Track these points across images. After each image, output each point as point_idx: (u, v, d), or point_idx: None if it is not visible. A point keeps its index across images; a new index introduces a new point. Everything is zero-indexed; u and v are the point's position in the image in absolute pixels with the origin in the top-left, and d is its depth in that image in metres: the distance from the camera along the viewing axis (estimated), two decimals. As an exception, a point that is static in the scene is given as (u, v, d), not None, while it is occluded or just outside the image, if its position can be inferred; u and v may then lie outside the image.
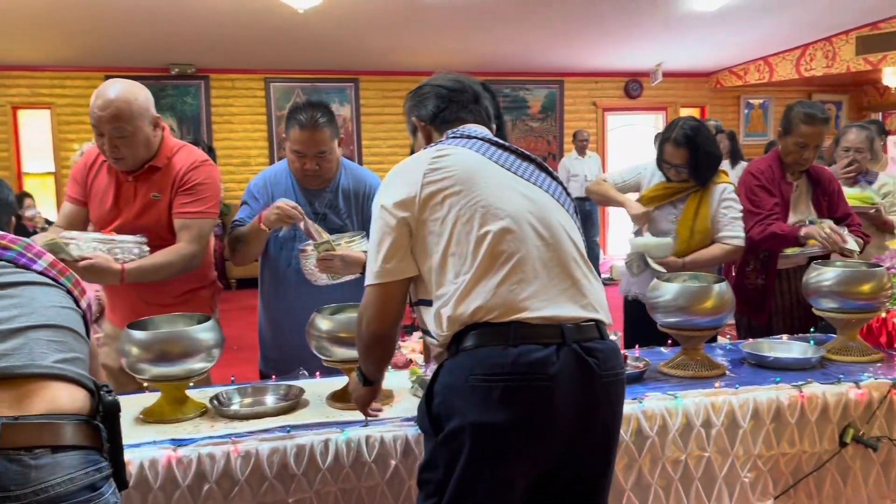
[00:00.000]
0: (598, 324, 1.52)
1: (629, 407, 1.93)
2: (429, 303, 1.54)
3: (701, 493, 2.00)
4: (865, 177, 3.51)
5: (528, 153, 1.65)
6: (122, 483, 1.30)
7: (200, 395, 2.00)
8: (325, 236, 2.30)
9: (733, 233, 2.75)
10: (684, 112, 10.24)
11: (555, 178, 1.66)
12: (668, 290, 2.20)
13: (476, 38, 7.97)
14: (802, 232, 2.71)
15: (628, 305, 2.99)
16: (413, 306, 1.64)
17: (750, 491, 2.02)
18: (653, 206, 2.85)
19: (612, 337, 2.19)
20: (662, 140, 2.79)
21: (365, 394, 1.71)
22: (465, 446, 1.39)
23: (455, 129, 1.66)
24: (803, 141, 2.80)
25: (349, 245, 2.34)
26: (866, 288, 2.26)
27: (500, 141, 1.65)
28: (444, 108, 1.69)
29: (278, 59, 8.37)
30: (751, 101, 10.48)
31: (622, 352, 2.22)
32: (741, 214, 2.78)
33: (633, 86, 9.94)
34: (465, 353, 1.43)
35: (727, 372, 2.21)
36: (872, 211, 3.32)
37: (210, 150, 6.23)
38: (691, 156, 2.71)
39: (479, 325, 1.43)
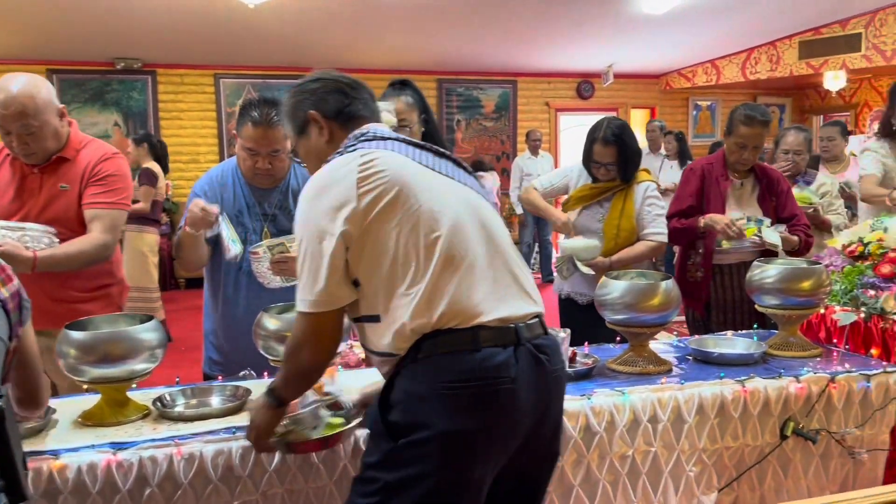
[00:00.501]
0: (541, 318, 1.53)
1: (578, 403, 1.95)
2: (375, 318, 1.46)
3: (648, 487, 2.03)
4: (804, 177, 3.61)
5: (442, 150, 1.62)
6: (18, 496, 1.21)
7: (143, 397, 1.94)
8: (267, 240, 2.25)
9: (657, 230, 2.88)
10: (636, 113, 10.42)
11: (471, 173, 1.66)
12: (615, 288, 2.22)
13: (430, 37, 7.97)
14: (701, 223, 2.90)
15: (563, 304, 3.07)
16: (353, 321, 1.56)
17: (695, 484, 2.06)
18: (580, 206, 2.94)
19: (562, 334, 2.23)
20: (591, 140, 2.87)
21: (273, 417, 1.56)
22: (434, 455, 1.36)
23: (362, 130, 1.57)
24: (742, 141, 2.93)
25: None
26: (806, 285, 2.33)
27: (415, 140, 1.62)
28: (349, 103, 1.60)
29: (228, 54, 8.23)
30: (699, 102, 10.71)
31: (571, 349, 2.26)
32: (664, 212, 2.92)
33: (584, 86, 10.06)
34: (429, 361, 1.39)
35: (673, 368, 2.24)
36: (810, 211, 3.42)
37: (162, 146, 6.11)
38: (620, 153, 2.82)
39: (441, 331, 1.39)
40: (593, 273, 2.76)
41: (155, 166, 5.61)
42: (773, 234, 2.81)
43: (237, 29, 7.23)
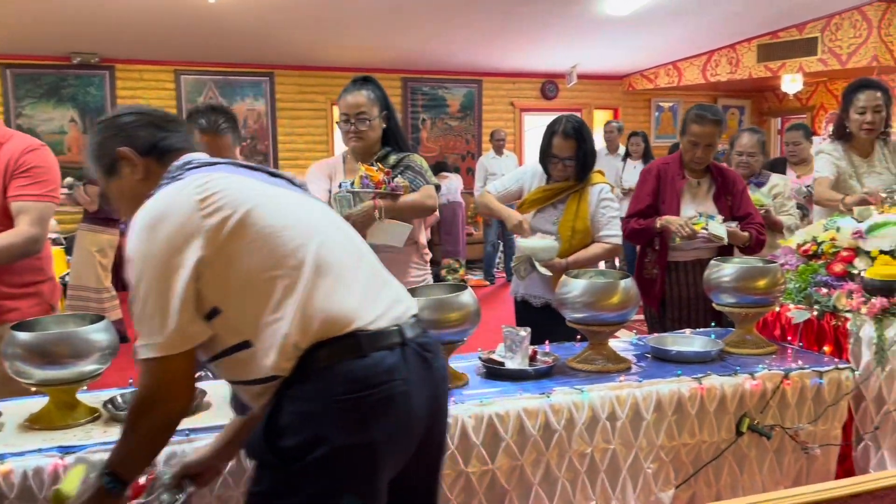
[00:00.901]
0: (418, 318, 1.48)
1: (537, 402, 1.96)
2: (245, 344, 1.33)
3: (606, 485, 2.04)
4: (756, 179, 3.67)
5: (274, 171, 1.55)
6: None
7: (94, 399, 1.89)
8: None
9: (611, 231, 2.89)
10: (599, 113, 10.52)
11: (307, 191, 1.58)
12: (575, 287, 2.23)
13: (395, 36, 7.94)
14: (658, 224, 2.95)
15: (518, 306, 3.06)
16: (211, 361, 1.40)
17: (653, 481, 2.08)
18: (534, 209, 2.93)
19: (522, 333, 2.23)
20: (550, 134, 2.86)
21: None
22: (338, 470, 1.29)
23: (183, 160, 1.43)
24: (695, 139, 2.99)
25: None
26: (762, 283, 2.36)
27: (244, 162, 1.54)
28: (164, 137, 1.47)
29: (189, 50, 8.10)
30: (661, 104, 10.86)
31: (532, 348, 2.26)
32: (618, 214, 2.94)
33: (549, 87, 10.13)
34: (317, 376, 1.30)
35: (633, 366, 2.26)
36: (762, 212, 3.45)
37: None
38: (579, 148, 2.82)
39: (323, 343, 1.30)
40: (550, 274, 2.74)
41: None
42: (719, 228, 2.86)
43: (198, 24, 7.12)
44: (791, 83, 8.98)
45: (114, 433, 1.69)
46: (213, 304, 1.32)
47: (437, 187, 2.73)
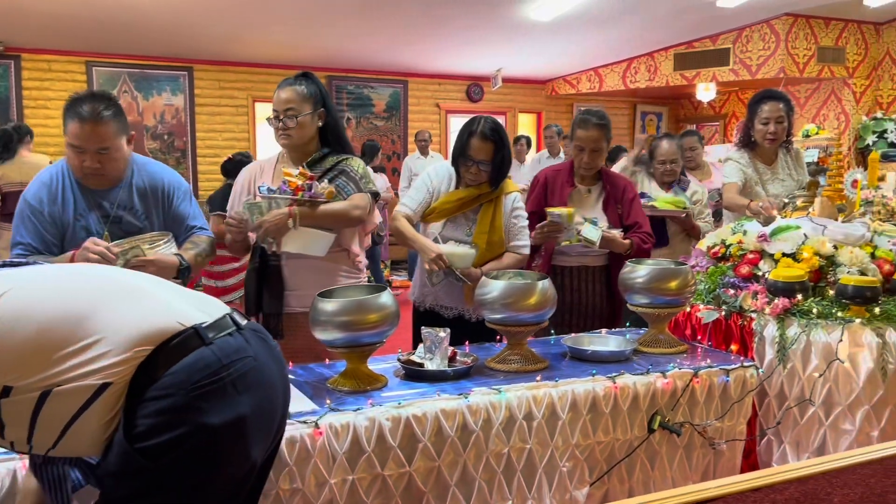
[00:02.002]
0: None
1: (455, 402, 1.95)
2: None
3: (522, 484, 2.05)
4: (679, 184, 3.79)
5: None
6: None
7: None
8: (114, 243, 2.13)
9: (522, 242, 2.86)
10: (523, 117, 10.67)
11: None
12: (494, 287, 2.24)
13: (318, 33, 7.83)
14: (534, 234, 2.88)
15: (423, 316, 2.89)
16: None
17: (568, 479, 2.11)
18: (443, 219, 2.81)
19: (441, 334, 2.23)
20: (467, 135, 2.73)
21: None
22: (212, 452, 1.30)
23: None
24: (580, 144, 2.99)
25: (154, 248, 2.19)
26: (673, 284, 2.44)
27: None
28: None
29: (102, 41, 7.76)
30: (589, 108, 11.05)
31: (451, 348, 2.26)
32: (527, 223, 2.90)
33: (474, 89, 10.20)
34: (170, 374, 1.29)
35: (550, 365, 2.29)
36: (683, 215, 3.59)
37: (30, 135, 5.70)
38: (497, 152, 2.73)
39: (163, 346, 1.31)
40: (469, 283, 2.65)
41: None
42: (592, 231, 2.85)
43: (112, 13, 6.83)
44: (705, 91, 9.35)
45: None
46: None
47: (376, 195, 2.61)
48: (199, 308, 1.42)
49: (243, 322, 1.45)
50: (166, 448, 1.27)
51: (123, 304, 1.35)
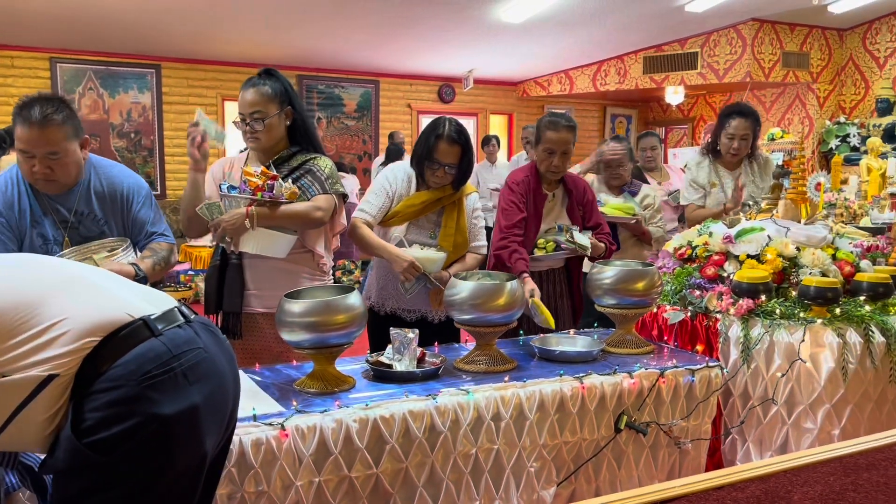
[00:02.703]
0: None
1: (423, 403, 1.95)
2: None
3: (490, 485, 2.06)
4: (629, 188, 3.67)
5: None
6: None
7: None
8: (68, 249, 2.09)
9: (482, 242, 2.86)
10: (494, 118, 10.71)
11: None
12: (463, 288, 2.24)
13: (289, 32, 7.78)
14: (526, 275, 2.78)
15: (381, 319, 2.80)
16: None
17: (535, 480, 2.12)
18: (406, 222, 2.75)
19: (410, 335, 2.22)
20: (434, 137, 2.66)
21: None
22: (164, 442, 1.28)
23: None
24: (550, 146, 2.91)
25: (112, 256, 2.14)
26: (640, 285, 2.46)
27: None
28: None
29: (67, 37, 7.62)
30: (554, 110, 11.14)
31: (420, 349, 2.26)
32: (484, 223, 2.90)
33: (446, 90, 10.21)
34: (120, 366, 1.27)
35: (518, 366, 2.29)
36: (633, 222, 3.53)
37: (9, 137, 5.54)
38: (464, 155, 2.70)
39: (110, 337, 1.29)
40: (441, 287, 2.60)
41: None
42: (584, 238, 2.87)
43: (76, 8, 6.71)
44: (674, 95, 9.46)
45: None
46: None
47: (344, 196, 2.56)
48: (147, 301, 1.40)
49: (192, 315, 1.44)
50: (118, 440, 1.25)
51: (71, 294, 1.33)
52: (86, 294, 1.34)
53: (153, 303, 1.40)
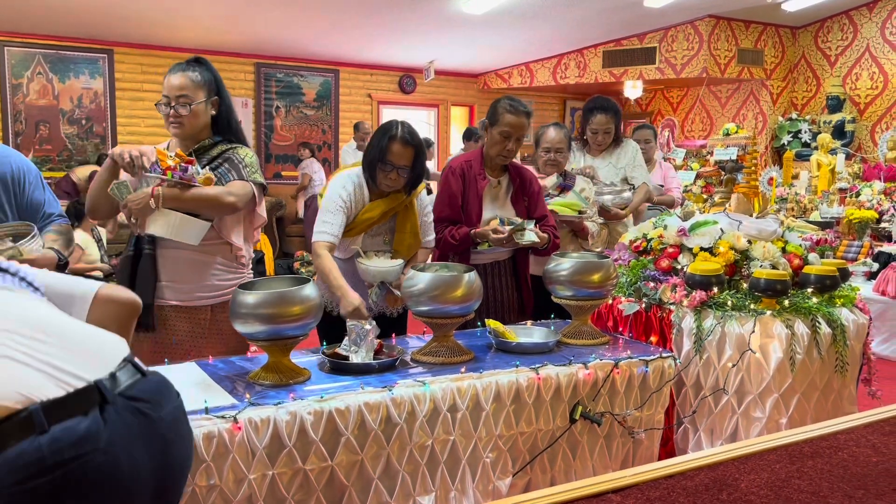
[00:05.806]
0: (130, 361, 1.29)
1: (379, 395, 1.94)
2: None
3: (446, 475, 2.06)
4: (564, 181, 3.44)
5: None
6: None
7: None
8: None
9: (431, 235, 2.83)
10: (455, 110, 10.70)
11: None
12: (421, 279, 2.24)
13: (248, 18, 7.65)
14: (473, 232, 2.84)
15: (333, 319, 2.69)
16: None
17: (491, 470, 2.13)
18: (363, 232, 2.67)
19: (367, 326, 2.21)
20: (387, 138, 2.57)
21: None
22: None
23: None
24: (508, 130, 2.86)
25: (28, 245, 2.05)
26: (596, 277, 2.48)
27: None
28: None
29: (15, 19, 7.37)
30: (505, 96, 11.18)
31: (377, 341, 2.25)
32: (432, 216, 2.85)
33: (406, 81, 10.16)
34: None
35: (475, 357, 2.30)
36: (578, 220, 3.31)
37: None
38: (417, 156, 2.61)
39: None
40: (399, 295, 2.53)
41: None
42: (533, 235, 2.84)
43: (25, -9, 6.51)
44: (632, 89, 9.57)
45: None
46: None
47: (264, 188, 2.47)
48: (73, 364, 1.18)
49: (119, 386, 1.20)
50: None
51: None
52: (24, 350, 1.13)
53: (89, 361, 1.19)
